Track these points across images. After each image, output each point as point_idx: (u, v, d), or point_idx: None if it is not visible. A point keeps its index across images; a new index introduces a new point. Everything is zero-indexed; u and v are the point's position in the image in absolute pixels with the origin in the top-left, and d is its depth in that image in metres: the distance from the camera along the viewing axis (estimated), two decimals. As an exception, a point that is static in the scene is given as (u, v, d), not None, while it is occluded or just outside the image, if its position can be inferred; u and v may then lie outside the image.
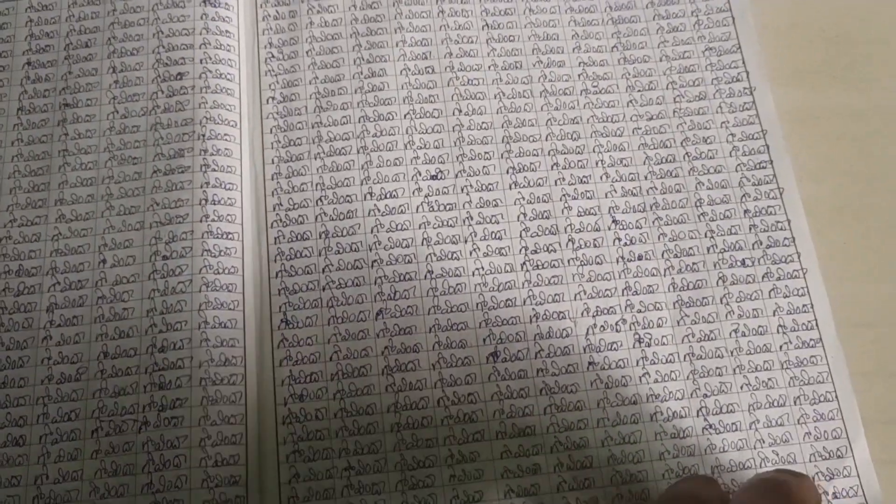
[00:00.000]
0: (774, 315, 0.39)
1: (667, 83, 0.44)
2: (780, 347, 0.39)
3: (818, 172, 0.43)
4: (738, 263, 0.40)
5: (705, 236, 0.41)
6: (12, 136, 0.42)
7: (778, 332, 0.39)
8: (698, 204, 0.42)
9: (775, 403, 0.38)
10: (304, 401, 0.38)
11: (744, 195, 0.42)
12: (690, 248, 0.41)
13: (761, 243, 0.41)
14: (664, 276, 0.40)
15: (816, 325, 0.39)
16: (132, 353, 0.38)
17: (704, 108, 0.44)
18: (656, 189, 0.42)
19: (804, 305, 0.40)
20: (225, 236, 0.40)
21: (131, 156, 0.41)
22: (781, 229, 0.41)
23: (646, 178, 0.42)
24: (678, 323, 0.39)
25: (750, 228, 0.41)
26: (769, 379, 0.38)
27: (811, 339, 0.39)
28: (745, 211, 0.41)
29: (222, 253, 0.39)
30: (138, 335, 0.38)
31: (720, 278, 0.40)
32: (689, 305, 0.40)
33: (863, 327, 0.40)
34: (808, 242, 0.41)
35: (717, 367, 0.38)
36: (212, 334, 0.38)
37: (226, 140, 0.42)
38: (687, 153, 0.43)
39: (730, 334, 0.39)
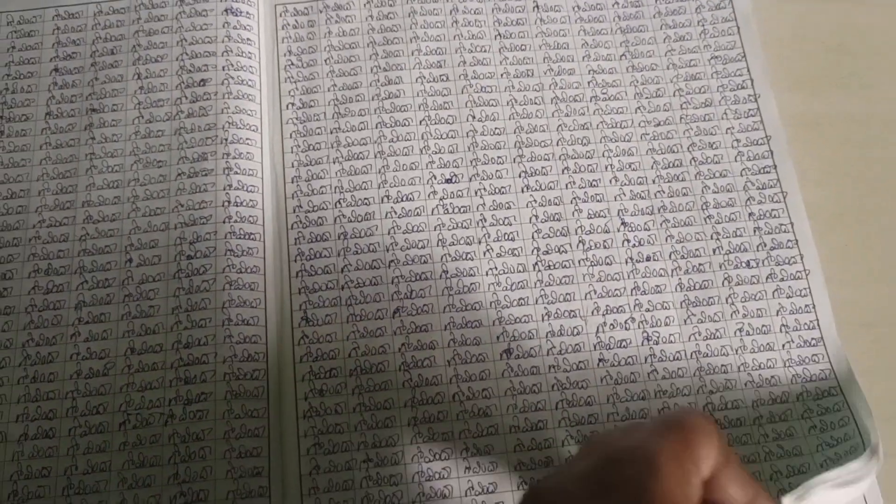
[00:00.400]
0: (778, 315, 0.41)
1: (674, 90, 0.46)
2: (783, 346, 0.40)
3: (820, 177, 0.44)
4: (743, 265, 0.42)
5: (711, 238, 0.42)
6: (40, 141, 0.43)
7: (781, 331, 0.40)
8: (704, 207, 0.43)
9: (778, 400, 0.39)
10: (324, 395, 0.39)
11: (748, 199, 0.43)
12: (697, 249, 0.42)
13: (765, 245, 0.42)
14: (671, 276, 0.41)
15: (818, 324, 0.41)
16: (158, 349, 0.39)
17: (710, 114, 0.45)
18: (664, 192, 0.43)
19: (806, 306, 0.41)
20: (247, 237, 0.41)
21: (156, 159, 0.43)
22: (785, 232, 0.42)
23: (653, 181, 0.43)
24: (685, 322, 0.40)
25: (754, 231, 0.42)
26: (772, 377, 0.40)
27: (813, 339, 0.40)
28: (750, 214, 0.43)
29: (244, 253, 0.41)
30: (164, 332, 0.39)
31: (726, 279, 0.41)
32: (695, 305, 0.41)
33: (863, 328, 0.41)
34: (810, 245, 0.42)
35: (722, 365, 0.40)
36: (235, 331, 0.39)
37: (247, 144, 0.43)
38: (693, 158, 0.44)
39: (734, 333, 0.40)
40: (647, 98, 0.45)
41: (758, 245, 0.42)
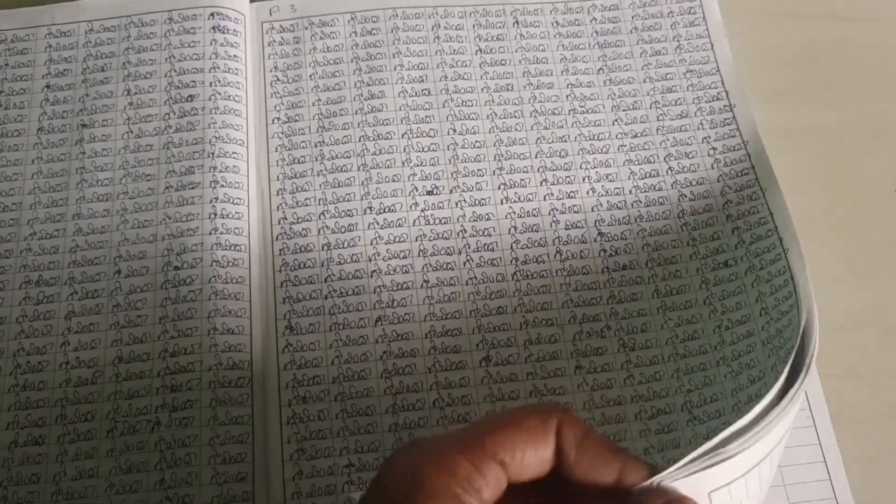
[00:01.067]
0: (757, 302, 0.41)
1: (650, 103, 0.47)
2: (763, 328, 0.40)
3: (792, 187, 0.45)
4: (721, 265, 0.42)
5: (688, 245, 0.43)
6: (32, 155, 0.45)
7: (760, 315, 0.41)
8: (681, 214, 0.44)
9: (757, 380, 0.40)
10: (308, 402, 0.40)
11: (726, 202, 0.44)
12: (674, 256, 0.43)
13: (744, 242, 0.42)
14: (648, 283, 0.42)
15: (795, 291, 0.39)
16: (145, 357, 0.40)
17: (686, 125, 0.46)
18: (640, 202, 0.44)
19: (785, 281, 0.40)
20: (233, 248, 0.42)
21: (145, 173, 0.44)
22: (764, 223, 0.42)
23: (630, 192, 0.45)
24: (661, 327, 0.41)
25: (732, 231, 0.43)
26: (751, 360, 0.40)
27: (789, 306, 0.39)
28: (728, 216, 0.43)
29: (230, 264, 0.42)
30: (151, 341, 0.40)
31: (703, 281, 0.42)
32: (672, 309, 0.42)
33: (833, 333, 0.42)
34: (790, 226, 0.41)
35: (700, 364, 0.40)
36: (220, 340, 0.40)
37: (234, 158, 0.44)
38: (670, 167, 0.45)
39: (713, 330, 0.41)
40: (623, 110, 0.47)
41: (736, 244, 0.43)
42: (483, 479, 0.27)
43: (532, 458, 0.28)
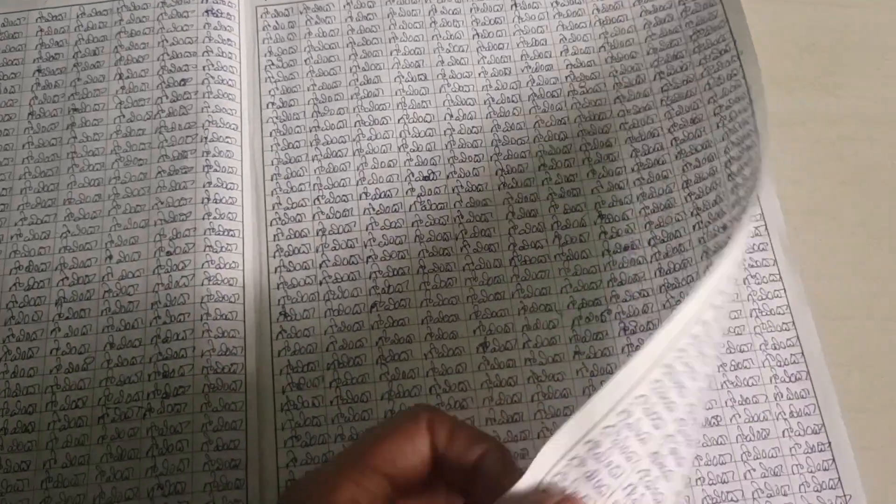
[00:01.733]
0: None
1: (654, 74, 0.46)
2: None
3: (794, 174, 0.45)
4: (720, 230, 0.41)
5: (692, 215, 0.42)
6: (23, 140, 0.44)
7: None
8: (685, 185, 0.43)
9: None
10: (302, 389, 0.39)
11: (729, 160, 0.43)
12: (677, 230, 0.42)
13: (742, 200, 0.41)
14: (650, 262, 0.42)
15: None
16: (137, 343, 0.39)
17: (692, 89, 0.45)
18: (643, 180, 0.43)
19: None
20: (226, 233, 0.41)
21: (137, 157, 0.43)
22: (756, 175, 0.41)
23: (633, 170, 0.44)
24: (664, 306, 0.41)
25: (732, 190, 0.42)
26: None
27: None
28: (729, 175, 0.42)
29: (223, 249, 0.41)
30: (143, 327, 0.40)
31: (704, 252, 0.41)
32: (674, 287, 0.41)
33: (839, 321, 0.41)
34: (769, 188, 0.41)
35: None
36: (213, 325, 0.39)
37: (227, 142, 0.43)
38: (675, 138, 0.44)
39: None
40: (626, 87, 0.46)
41: (734, 203, 0.42)
42: (369, 494, 0.28)
43: (413, 459, 0.29)
